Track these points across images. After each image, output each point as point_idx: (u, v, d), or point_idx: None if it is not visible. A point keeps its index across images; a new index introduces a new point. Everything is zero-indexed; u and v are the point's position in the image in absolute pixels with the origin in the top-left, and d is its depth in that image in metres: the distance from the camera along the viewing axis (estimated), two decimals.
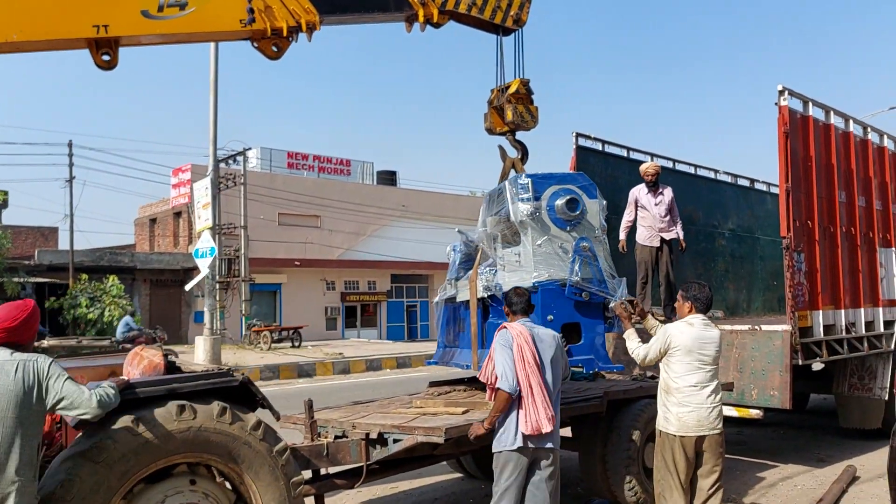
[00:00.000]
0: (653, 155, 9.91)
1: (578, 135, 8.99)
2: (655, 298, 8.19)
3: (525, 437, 4.11)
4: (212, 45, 15.19)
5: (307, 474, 4.98)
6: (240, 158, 27.14)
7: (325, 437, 4.96)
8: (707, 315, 4.76)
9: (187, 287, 15.12)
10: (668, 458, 4.57)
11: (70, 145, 25.66)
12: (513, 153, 6.08)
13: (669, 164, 10.31)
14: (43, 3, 4.20)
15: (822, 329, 7.20)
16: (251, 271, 27.34)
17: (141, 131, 75.71)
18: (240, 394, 3.94)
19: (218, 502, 3.78)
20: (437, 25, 5.44)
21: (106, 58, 4.71)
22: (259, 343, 24.14)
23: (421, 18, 5.36)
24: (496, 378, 4.17)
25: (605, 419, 5.71)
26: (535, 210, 5.27)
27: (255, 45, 5.19)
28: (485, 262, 5.89)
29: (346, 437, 5.01)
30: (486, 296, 5.73)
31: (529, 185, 5.33)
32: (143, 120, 75.80)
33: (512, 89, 5.81)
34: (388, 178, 39.05)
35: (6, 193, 35.53)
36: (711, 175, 11.19)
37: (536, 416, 4.08)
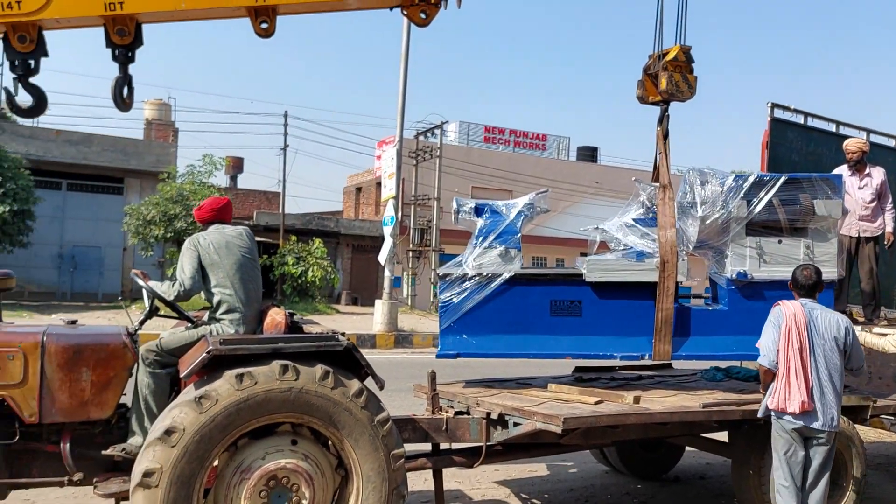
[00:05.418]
0: (869, 130, 8.55)
1: (774, 105, 7.98)
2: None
3: (777, 412, 4.42)
4: (404, 20, 15.55)
5: (426, 448, 4.94)
6: (437, 131, 27.91)
7: (446, 412, 4.86)
8: None
9: (380, 257, 15.93)
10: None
11: (286, 115, 27.83)
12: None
13: (890, 143, 8.86)
14: None
15: None
16: (441, 242, 28.14)
17: (358, 106, 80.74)
18: (345, 360, 3.92)
19: (318, 464, 3.80)
20: None
21: (264, 25, 4.97)
22: None
23: None
24: None
25: (764, 426, 5.01)
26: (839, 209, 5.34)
27: (404, 11, 5.23)
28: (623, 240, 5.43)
29: (468, 415, 4.87)
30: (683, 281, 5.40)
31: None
32: (361, 95, 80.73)
33: (670, 56, 5.26)
34: (589, 154, 38.10)
35: (242, 160, 39.78)
36: None
37: (785, 395, 4.33)
